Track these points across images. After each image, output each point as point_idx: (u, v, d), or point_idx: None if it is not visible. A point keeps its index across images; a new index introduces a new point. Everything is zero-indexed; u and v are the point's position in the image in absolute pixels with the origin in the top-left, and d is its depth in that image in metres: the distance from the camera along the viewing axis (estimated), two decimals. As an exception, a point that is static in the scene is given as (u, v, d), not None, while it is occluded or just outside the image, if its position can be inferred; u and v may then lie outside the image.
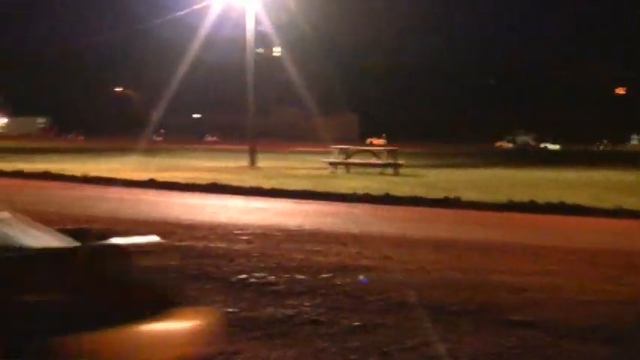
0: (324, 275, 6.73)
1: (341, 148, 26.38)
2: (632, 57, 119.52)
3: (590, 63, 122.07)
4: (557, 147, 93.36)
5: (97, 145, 51.99)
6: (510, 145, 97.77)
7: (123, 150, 36.36)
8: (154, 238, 3.73)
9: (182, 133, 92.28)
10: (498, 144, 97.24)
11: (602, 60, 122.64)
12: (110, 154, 33.60)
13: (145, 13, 77.49)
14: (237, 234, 9.04)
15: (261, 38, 32.46)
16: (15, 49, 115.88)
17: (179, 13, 31.68)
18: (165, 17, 36.67)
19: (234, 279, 6.49)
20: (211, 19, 28.82)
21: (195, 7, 29.12)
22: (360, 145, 38.20)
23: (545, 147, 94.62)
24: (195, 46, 32.68)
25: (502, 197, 14.29)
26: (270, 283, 6.35)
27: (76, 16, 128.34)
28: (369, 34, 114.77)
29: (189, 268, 6.65)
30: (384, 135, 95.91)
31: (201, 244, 8.14)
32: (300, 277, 6.68)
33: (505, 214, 12.94)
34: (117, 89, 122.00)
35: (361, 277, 6.70)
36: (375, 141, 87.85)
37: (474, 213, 13.07)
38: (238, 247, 8.10)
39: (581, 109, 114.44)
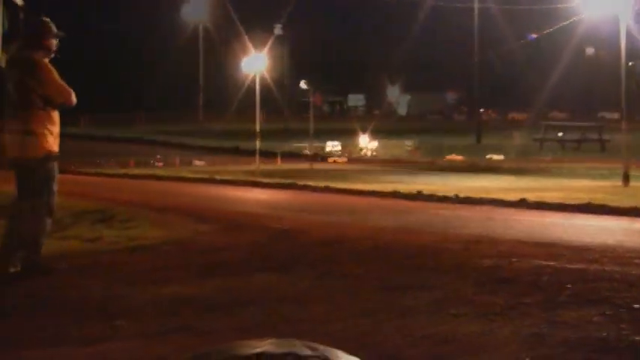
0: None
1: None
2: None
3: None
4: None
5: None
6: None
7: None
8: None
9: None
10: None
11: None
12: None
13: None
14: (630, 257, 8.40)
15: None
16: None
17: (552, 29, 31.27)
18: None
19: (637, 306, 5.94)
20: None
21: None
22: None
23: None
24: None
25: None
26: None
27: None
28: None
29: (585, 292, 6.23)
30: None
31: (592, 267, 7.63)
32: None
33: None
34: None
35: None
36: None
37: None
38: (636, 271, 7.48)
39: None
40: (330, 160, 40.17)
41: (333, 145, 28.49)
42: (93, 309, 5.98)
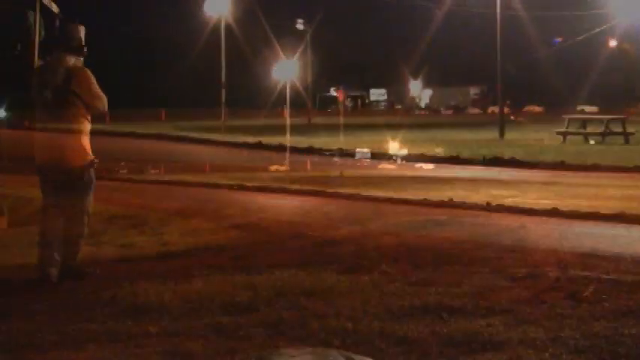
0: None
1: None
2: None
3: None
4: None
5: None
6: None
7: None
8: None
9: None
10: None
11: None
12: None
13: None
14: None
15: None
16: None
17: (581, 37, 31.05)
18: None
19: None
20: None
21: None
22: None
23: None
24: None
25: None
26: None
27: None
28: None
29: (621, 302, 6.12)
30: None
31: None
32: None
33: None
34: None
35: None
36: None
37: None
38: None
39: None
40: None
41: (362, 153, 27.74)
42: (123, 309, 6.02)
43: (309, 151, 24.46)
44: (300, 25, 65.15)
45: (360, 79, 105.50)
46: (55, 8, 7.86)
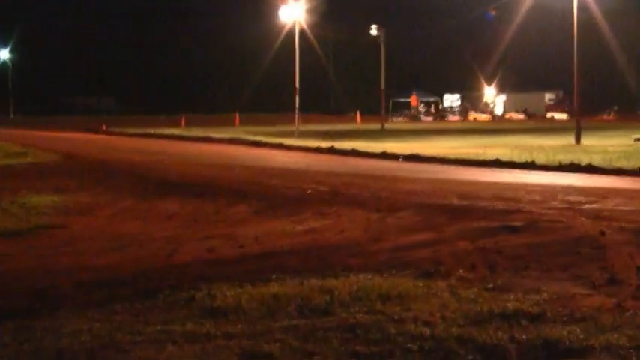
0: None
1: None
2: None
3: None
4: None
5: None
6: None
7: None
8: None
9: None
10: None
11: None
12: None
13: None
14: None
15: None
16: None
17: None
18: None
19: None
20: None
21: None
22: None
23: None
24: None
25: None
26: None
27: None
28: None
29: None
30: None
31: None
32: None
33: None
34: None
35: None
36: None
37: None
38: None
39: None
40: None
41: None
42: (201, 311, 6.08)
43: (384, 156, 24.34)
44: (374, 31, 65.07)
45: (433, 85, 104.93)
46: None
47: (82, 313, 6.00)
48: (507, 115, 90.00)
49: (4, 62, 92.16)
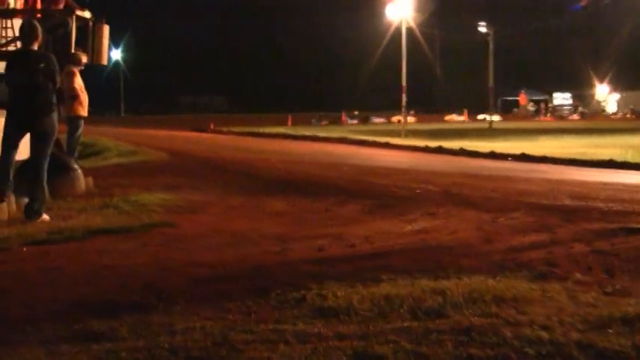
0: None
1: None
2: None
3: None
4: None
5: None
6: None
7: None
8: None
9: None
10: None
11: None
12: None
13: None
14: None
15: None
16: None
17: None
18: None
19: None
20: None
21: None
22: None
23: None
24: None
25: None
26: None
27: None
28: None
29: None
30: None
31: None
32: None
33: None
34: None
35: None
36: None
37: None
38: None
39: None
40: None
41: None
42: (312, 311, 6.08)
43: (493, 155, 24.01)
44: (482, 28, 64.27)
45: (543, 83, 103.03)
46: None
47: (195, 310, 6.07)
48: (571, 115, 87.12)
49: (117, 62, 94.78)
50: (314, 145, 32.48)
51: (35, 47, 11.69)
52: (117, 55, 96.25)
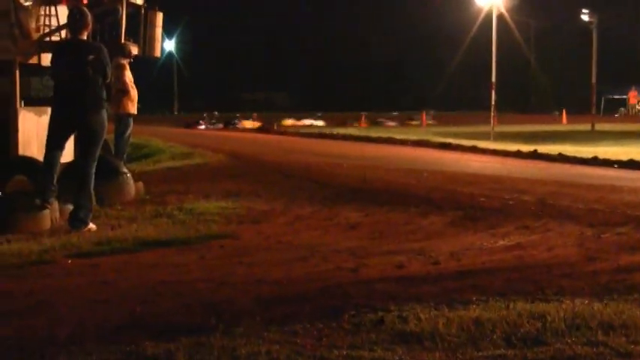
0: None
1: None
2: None
3: None
4: None
5: None
6: None
7: None
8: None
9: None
10: None
11: None
12: None
13: None
14: None
15: None
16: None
17: None
18: None
19: None
20: None
21: None
22: None
23: None
24: None
25: None
26: None
27: None
28: None
29: None
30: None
31: None
32: None
33: None
34: None
35: None
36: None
37: None
38: None
39: None
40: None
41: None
42: (391, 335, 6.07)
43: (595, 162, 23.68)
44: (585, 16, 63.41)
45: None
46: None
47: (260, 332, 6.09)
48: None
49: (170, 54, 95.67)
50: (390, 148, 32.43)
51: (84, 37, 11.85)
52: (170, 46, 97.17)
